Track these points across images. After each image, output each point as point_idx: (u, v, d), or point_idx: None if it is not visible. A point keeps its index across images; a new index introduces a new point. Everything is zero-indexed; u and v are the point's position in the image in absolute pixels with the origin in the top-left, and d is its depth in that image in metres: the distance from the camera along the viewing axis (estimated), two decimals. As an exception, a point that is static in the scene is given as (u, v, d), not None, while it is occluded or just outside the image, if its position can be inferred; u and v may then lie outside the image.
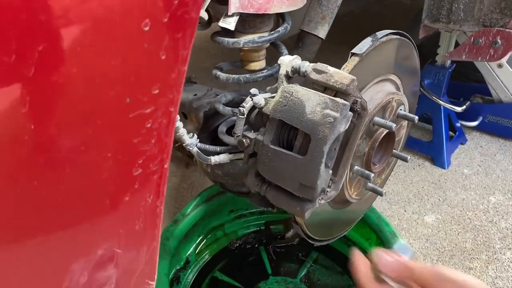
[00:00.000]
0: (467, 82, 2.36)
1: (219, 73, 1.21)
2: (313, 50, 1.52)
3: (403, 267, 0.54)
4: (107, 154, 0.38)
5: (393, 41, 0.99)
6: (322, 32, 1.48)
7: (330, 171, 0.91)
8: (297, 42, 1.53)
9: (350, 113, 0.85)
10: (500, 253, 1.51)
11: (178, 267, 1.43)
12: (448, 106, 1.89)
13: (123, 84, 0.36)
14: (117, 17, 0.33)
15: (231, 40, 1.10)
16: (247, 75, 1.16)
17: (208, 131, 1.42)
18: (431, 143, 1.97)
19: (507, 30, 1.36)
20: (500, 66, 1.99)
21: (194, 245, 1.50)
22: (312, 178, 0.85)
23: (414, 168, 1.94)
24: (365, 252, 1.45)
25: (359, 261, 0.62)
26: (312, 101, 0.83)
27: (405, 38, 1.03)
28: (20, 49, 0.30)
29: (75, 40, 0.32)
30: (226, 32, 1.15)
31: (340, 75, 0.83)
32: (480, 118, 2.10)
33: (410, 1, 1.88)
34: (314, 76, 0.86)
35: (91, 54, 0.33)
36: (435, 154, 1.95)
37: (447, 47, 1.82)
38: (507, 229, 1.60)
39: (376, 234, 1.33)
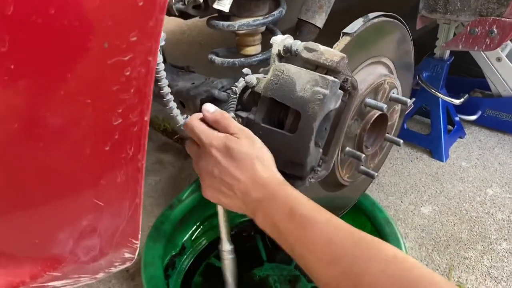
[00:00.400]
0: (466, 77, 2.36)
1: (214, 57, 1.23)
2: (311, 38, 1.53)
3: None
4: (86, 100, 0.39)
5: (385, 23, 0.99)
6: (319, 21, 1.49)
7: (321, 150, 0.92)
8: (294, 31, 1.54)
9: (340, 91, 0.86)
10: (496, 243, 1.51)
11: (174, 253, 1.43)
12: (446, 98, 1.89)
13: (101, 28, 0.37)
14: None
15: (226, 23, 1.12)
16: (242, 59, 1.18)
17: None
18: (429, 136, 1.97)
19: (502, 19, 1.37)
20: (499, 60, 1.99)
21: (190, 231, 1.51)
22: (301, 155, 0.86)
23: (412, 161, 1.94)
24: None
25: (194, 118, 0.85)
26: (302, 79, 0.84)
27: (397, 21, 1.03)
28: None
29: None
30: (221, 17, 1.16)
31: (331, 53, 0.84)
32: (479, 112, 2.10)
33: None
34: (305, 54, 0.87)
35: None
36: (433, 147, 1.95)
37: (445, 39, 1.82)
38: (504, 221, 1.60)
39: (370, 221, 1.33)
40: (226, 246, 1.03)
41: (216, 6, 1.04)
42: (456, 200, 1.71)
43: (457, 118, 2.07)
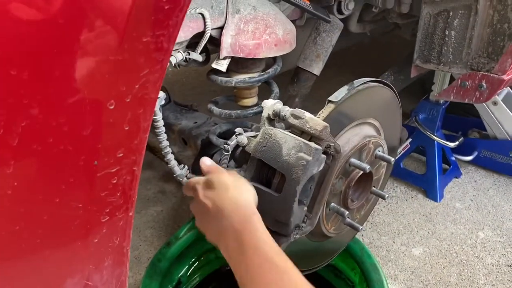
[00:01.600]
0: (465, 117, 2.42)
1: (213, 107, 1.30)
2: (308, 85, 1.61)
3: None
4: (78, 205, 0.46)
5: (371, 88, 1.06)
6: (316, 69, 1.57)
7: (305, 208, 0.98)
8: (293, 78, 1.62)
9: (324, 156, 0.92)
10: (484, 289, 1.55)
11: (170, 287, 1.49)
12: (442, 141, 1.95)
13: (92, 151, 0.44)
14: (87, 101, 0.41)
15: (224, 79, 1.19)
16: (238, 111, 1.25)
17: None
18: (424, 176, 2.02)
19: (491, 75, 1.43)
20: (495, 104, 2.05)
21: (187, 266, 1.57)
22: (285, 215, 0.92)
23: (407, 200, 1.99)
24: (350, 281, 1.51)
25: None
26: (288, 144, 0.90)
27: (383, 85, 1.10)
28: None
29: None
30: (221, 70, 1.24)
31: (315, 122, 0.91)
32: (475, 153, 2.15)
33: (410, 37, 1.95)
34: (292, 120, 0.94)
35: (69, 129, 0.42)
36: (428, 187, 2.00)
37: (441, 84, 1.88)
38: (493, 265, 1.64)
39: (358, 265, 1.38)
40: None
41: (214, 65, 1.11)
42: (447, 242, 1.75)
43: (453, 158, 2.12)
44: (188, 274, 1.56)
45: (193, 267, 1.58)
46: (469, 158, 2.14)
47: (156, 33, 0.41)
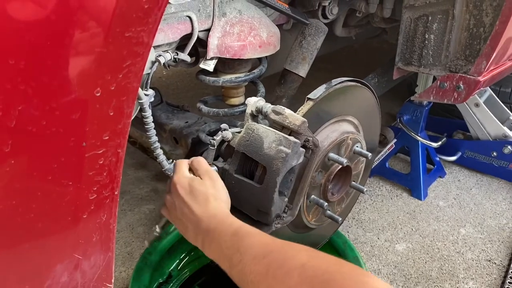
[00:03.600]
0: (450, 118, 2.49)
1: (202, 106, 1.36)
2: (294, 86, 1.67)
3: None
4: (69, 183, 0.52)
5: (348, 87, 1.12)
6: (302, 71, 1.63)
7: (286, 199, 1.04)
8: (280, 79, 1.68)
9: (302, 150, 0.98)
10: (463, 282, 1.61)
11: (161, 281, 1.55)
12: (425, 141, 2.01)
13: (81, 134, 0.50)
14: (76, 88, 0.47)
15: (212, 78, 1.25)
16: (225, 110, 1.31)
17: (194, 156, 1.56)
18: (409, 175, 2.08)
19: (468, 76, 1.49)
20: (477, 105, 2.12)
21: (177, 261, 1.62)
22: (266, 205, 0.98)
23: (392, 198, 2.05)
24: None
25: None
26: (269, 138, 0.97)
27: (361, 85, 1.17)
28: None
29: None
30: (209, 71, 1.30)
31: (294, 117, 0.97)
32: (459, 154, 2.22)
33: (396, 41, 2.02)
34: (273, 116, 1.00)
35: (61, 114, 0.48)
36: (412, 186, 2.07)
37: (424, 86, 1.95)
38: (473, 260, 1.70)
39: (341, 258, 1.44)
40: None
41: (202, 65, 1.18)
42: (430, 238, 1.81)
43: (437, 159, 2.18)
44: (178, 268, 1.61)
45: (183, 262, 1.63)
46: (453, 158, 2.21)
47: (137, 29, 0.47)
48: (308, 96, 1.04)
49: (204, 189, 0.92)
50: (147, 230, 1.89)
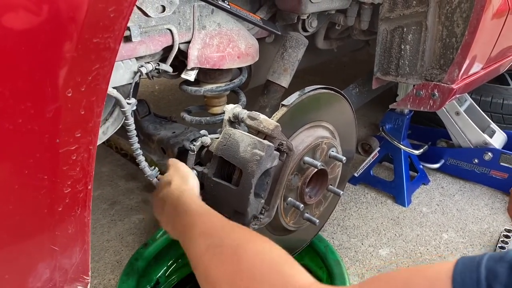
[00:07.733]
0: (434, 127, 2.55)
1: (185, 115, 1.42)
2: (277, 96, 1.73)
3: None
4: (44, 177, 0.57)
5: (322, 94, 1.18)
6: (284, 82, 1.70)
7: (262, 201, 1.09)
8: (263, 90, 1.74)
9: (276, 153, 1.03)
10: (444, 285, 1.65)
11: (149, 287, 1.58)
12: (407, 149, 2.07)
13: (54, 131, 0.55)
14: (50, 89, 0.52)
15: (194, 88, 1.31)
16: (208, 118, 1.37)
17: (180, 165, 1.61)
18: (393, 183, 2.13)
19: (442, 84, 1.56)
20: (457, 114, 2.18)
21: (165, 268, 1.66)
22: (243, 206, 1.03)
23: (376, 205, 2.10)
24: (318, 279, 1.60)
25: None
26: (245, 142, 1.02)
27: (334, 92, 1.22)
28: None
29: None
30: (191, 81, 1.36)
31: (268, 122, 1.03)
32: (442, 161, 2.27)
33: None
34: (248, 122, 1.05)
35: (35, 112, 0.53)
36: (396, 193, 2.11)
37: (404, 95, 2.01)
38: (454, 264, 1.74)
39: (323, 262, 1.48)
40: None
41: (183, 75, 1.23)
42: (413, 243, 1.86)
43: (420, 166, 2.24)
44: (166, 275, 1.65)
45: (170, 269, 1.67)
46: (436, 166, 2.26)
47: (104, 36, 0.53)
48: (282, 102, 1.10)
49: (166, 178, 1.05)
50: (136, 239, 1.92)
